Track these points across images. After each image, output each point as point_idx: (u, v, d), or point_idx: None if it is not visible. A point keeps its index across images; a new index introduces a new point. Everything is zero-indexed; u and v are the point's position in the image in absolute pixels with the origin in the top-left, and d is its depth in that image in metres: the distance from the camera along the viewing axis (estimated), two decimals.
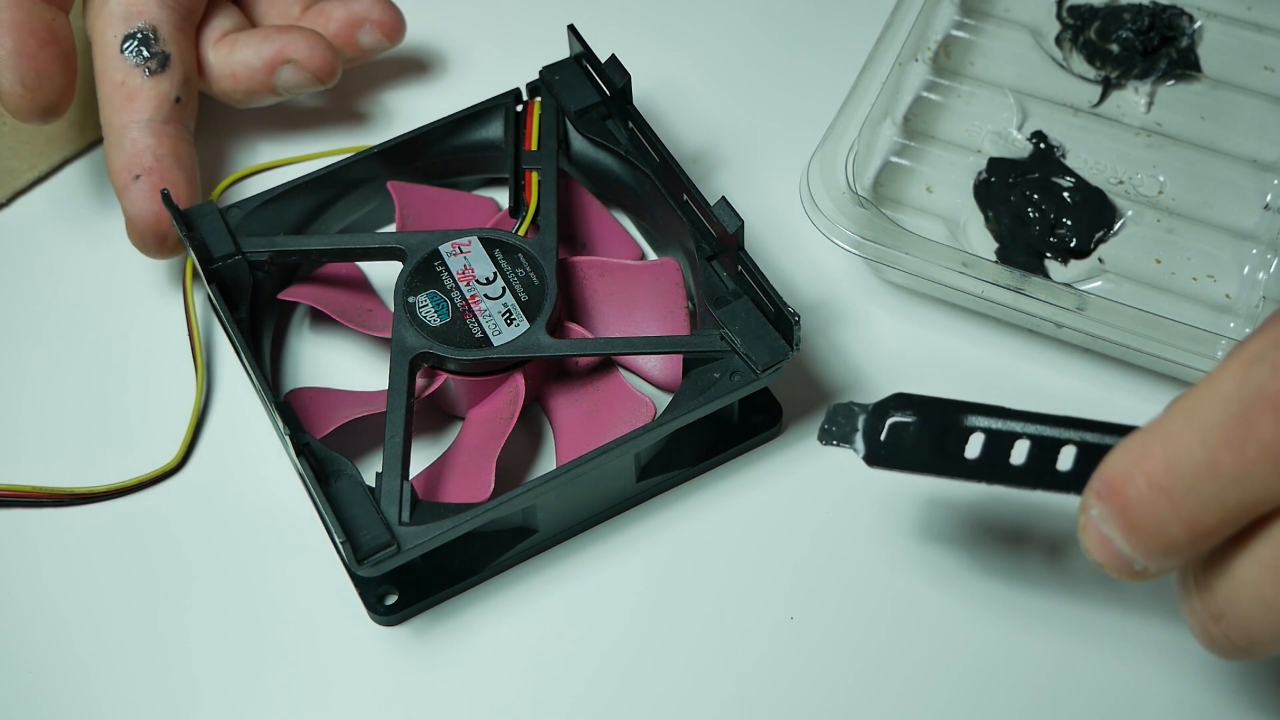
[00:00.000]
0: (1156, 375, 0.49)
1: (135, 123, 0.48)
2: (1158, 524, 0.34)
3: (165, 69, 0.48)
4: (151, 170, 0.47)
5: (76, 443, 0.48)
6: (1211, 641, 0.35)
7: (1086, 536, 0.35)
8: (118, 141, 0.48)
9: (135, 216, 0.47)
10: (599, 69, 0.50)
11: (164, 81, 0.48)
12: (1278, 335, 0.33)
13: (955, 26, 0.56)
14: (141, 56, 0.47)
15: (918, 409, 0.39)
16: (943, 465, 0.39)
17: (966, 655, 0.44)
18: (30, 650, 0.44)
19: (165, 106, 0.48)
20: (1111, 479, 0.35)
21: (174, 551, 0.46)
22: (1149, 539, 0.34)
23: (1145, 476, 0.34)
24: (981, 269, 0.48)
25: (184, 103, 0.49)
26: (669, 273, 0.49)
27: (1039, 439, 0.38)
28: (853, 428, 0.40)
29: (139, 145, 0.47)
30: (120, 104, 0.48)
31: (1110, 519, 0.35)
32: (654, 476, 0.46)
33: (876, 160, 0.52)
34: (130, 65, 0.48)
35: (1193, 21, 0.56)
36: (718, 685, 0.43)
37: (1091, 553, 0.35)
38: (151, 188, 0.47)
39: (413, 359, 0.45)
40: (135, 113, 0.48)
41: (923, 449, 0.39)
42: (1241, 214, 0.51)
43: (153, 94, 0.48)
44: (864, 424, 0.40)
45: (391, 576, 0.44)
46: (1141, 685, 0.43)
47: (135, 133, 0.48)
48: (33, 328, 0.51)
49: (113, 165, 0.48)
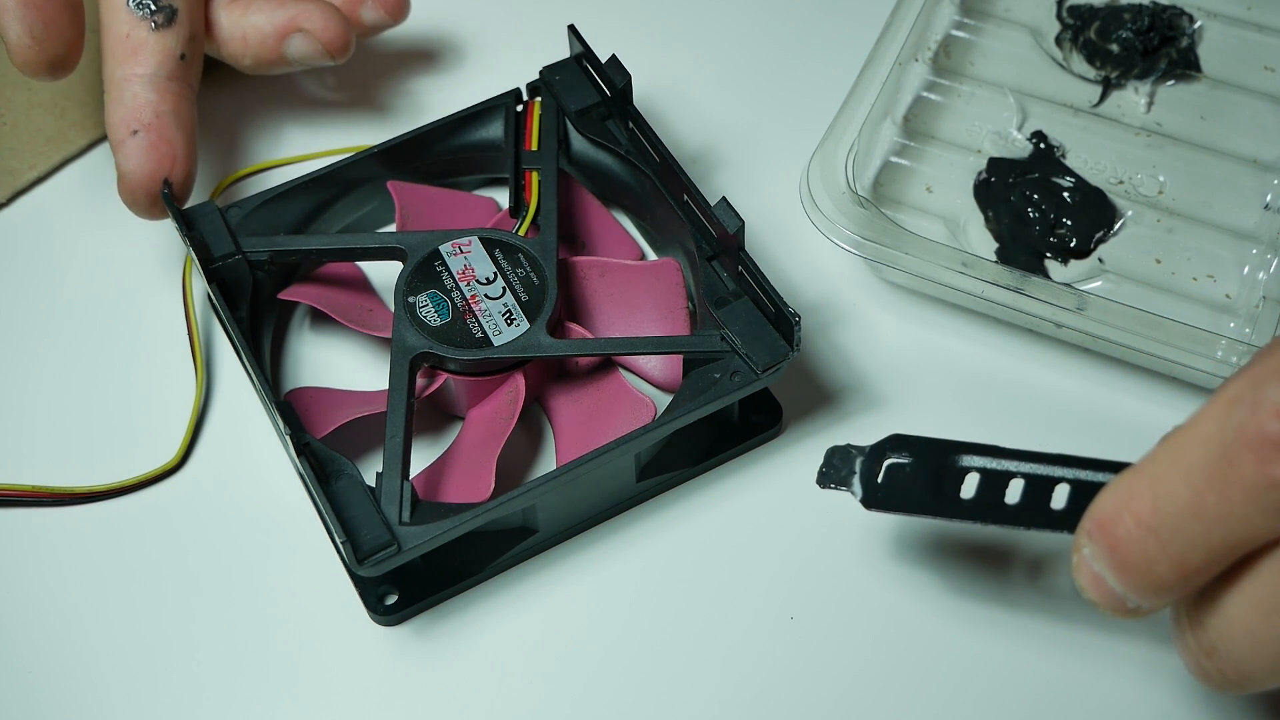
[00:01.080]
0: (1156, 375, 0.49)
1: (137, 76, 0.46)
2: (1146, 563, 0.34)
3: (172, 23, 0.47)
4: (150, 126, 0.46)
5: (77, 442, 0.48)
6: (1205, 675, 0.36)
7: (1080, 575, 0.36)
8: (118, 95, 0.46)
9: (128, 173, 0.46)
10: (599, 69, 0.50)
11: (170, 36, 0.47)
12: (1256, 376, 0.34)
13: (955, 26, 0.56)
14: (148, 9, 0.46)
15: (914, 450, 0.40)
16: (939, 507, 0.39)
17: (966, 655, 0.44)
18: (31, 650, 0.44)
19: (170, 62, 0.47)
20: (1101, 519, 0.35)
21: (174, 551, 0.46)
22: (1139, 577, 0.35)
23: (1133, 516, 0.34)
24: (981, 269, 0.48)
25: (189, 60, 0.48)
26: (669, 273, 0.49)
27: (1032, 478, 0.39)
28: (850, 470, 0.40)
29: (139, 100, 0.46)
30: (124, 57, 0.47)
31: (1101, 558, 0.35)
32: (654, 476, 0.46)
33: (876, 160, 0.52)
34: (136, 18, 0.47)
35: (1193, 21, 0.56)
36: (717, 685, 0.43)
37: (1085, 591, 0.36)
38: (149, 144, 0.46)
39: (413, 359, 0.45)
40: (138, 66, 0.46)
41: (919, 491, 0.40)
42: (1241, 214, 0.51)
43: (157, 48, 0.47)
44: (861, 466, 0.40)
45: (391, 576, 0.44)
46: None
47: (137, 86, 0.46)
48: (33, 328, 0.51)
49: (111, 119, 0.47)
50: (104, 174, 0.54)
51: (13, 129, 0.55)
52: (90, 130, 0.55)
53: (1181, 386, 0.48)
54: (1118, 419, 0.48)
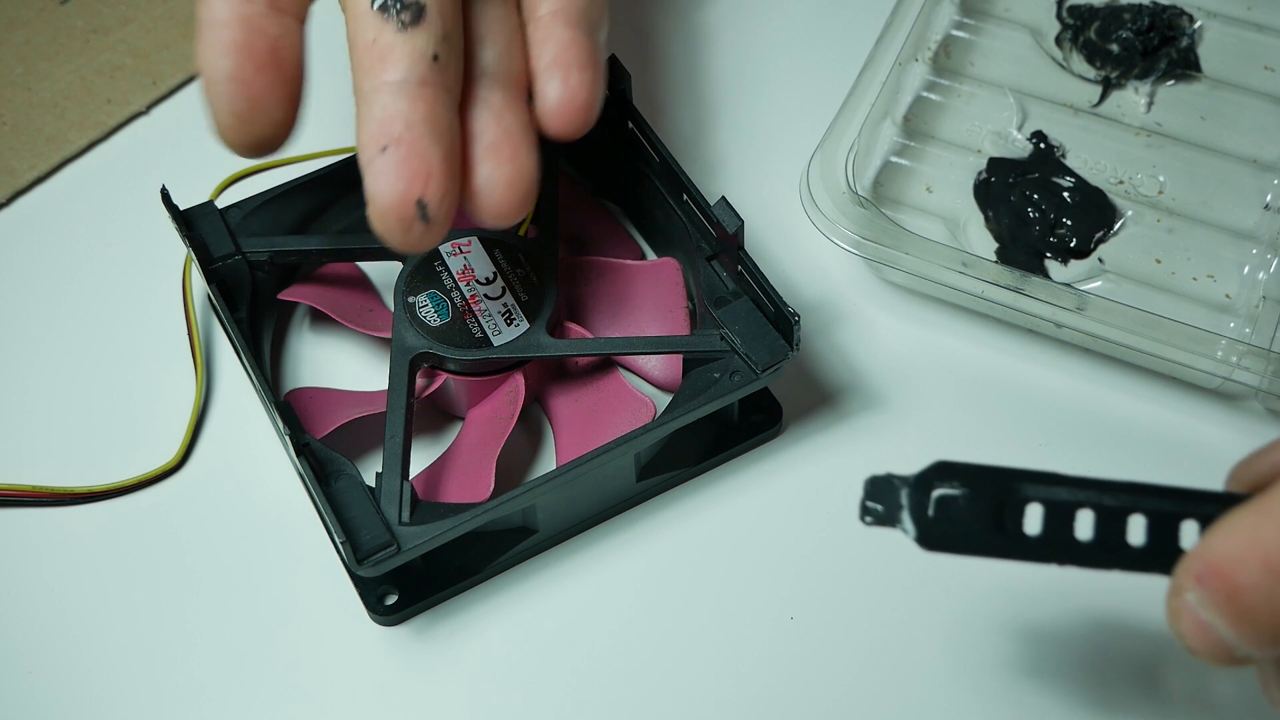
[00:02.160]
0: (1156, 375, 0.49)
1: (386, 85, 0.39)
2: (1273, 612, 0.32)
3: (420, 21, 0.40)
4: (400, 141, 0.38)
5: (77, 442, 0.48)
6: None
7: (1181, 623, 0.33)
8: (366, 109, 0.40)
9: (378, 195, 0.39)
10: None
11: (420, 35, 0.40)
12: None
13: (955, 26, 0.56)
14: (393, 8, 0.40)
15: (964, 479, 0.36)
16: (1004, 545, 0.36)
17: (966, 654, 0.44)
18: (31, 650, 0.44)
19: (421, 64, 0.39)
20: (1218, 563, 0.32)
21: (174, 552, 0.46)
22: (1262, 628, 0.32)
23: (1262, 562, 0.32)
24: (981, 269, 0.48)
25: (444, 62, 0.40)
26: (669, 273, 0.49)
27: (1103, 509, 0.35)
28: (896, 504, 0.36)
29: (389, 111, 0.39)
30: (371, 65, 0.40)
31: (1214, 605, 0.32)
32: (654, 476, 0.46)
33: (876, 160, 0.52)
34: (381, 20, 0.40)
35: (1193, 21, 0.56)
36: (717, 685, 0.43)
37: (1186, 639, 0.33)
38: (399, 161, 0.38)
39: (413, 359, 0.45)
40: (386, 73, 0.39)
41: (979, 526, 0.36)
42: (1241, 214, 0.51)
43: (406, 50, 0.39)
44: (909, 499, 0.36)
45: (391, 576, 0.44)
46: None
47: (386, 97, 0.39)
48: (32, 328, 0.51)
49: (360, 137, 0.40)
50: (104, 174, 0.54)
51: (13, 129, 0.55)
52: (90, 130, 0.55)
53: (1181, 386, 0.49)
54: (1118, 419, 0.48)
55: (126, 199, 0.53)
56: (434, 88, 0.39)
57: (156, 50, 0.57)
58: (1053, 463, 0.47)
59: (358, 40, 0.40)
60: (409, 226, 0.38)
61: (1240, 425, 0.48)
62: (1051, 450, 0.47)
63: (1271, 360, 0.45)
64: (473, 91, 0.40)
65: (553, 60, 0.41)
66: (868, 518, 0.36)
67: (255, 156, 0.41)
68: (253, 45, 0.39)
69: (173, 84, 0.56)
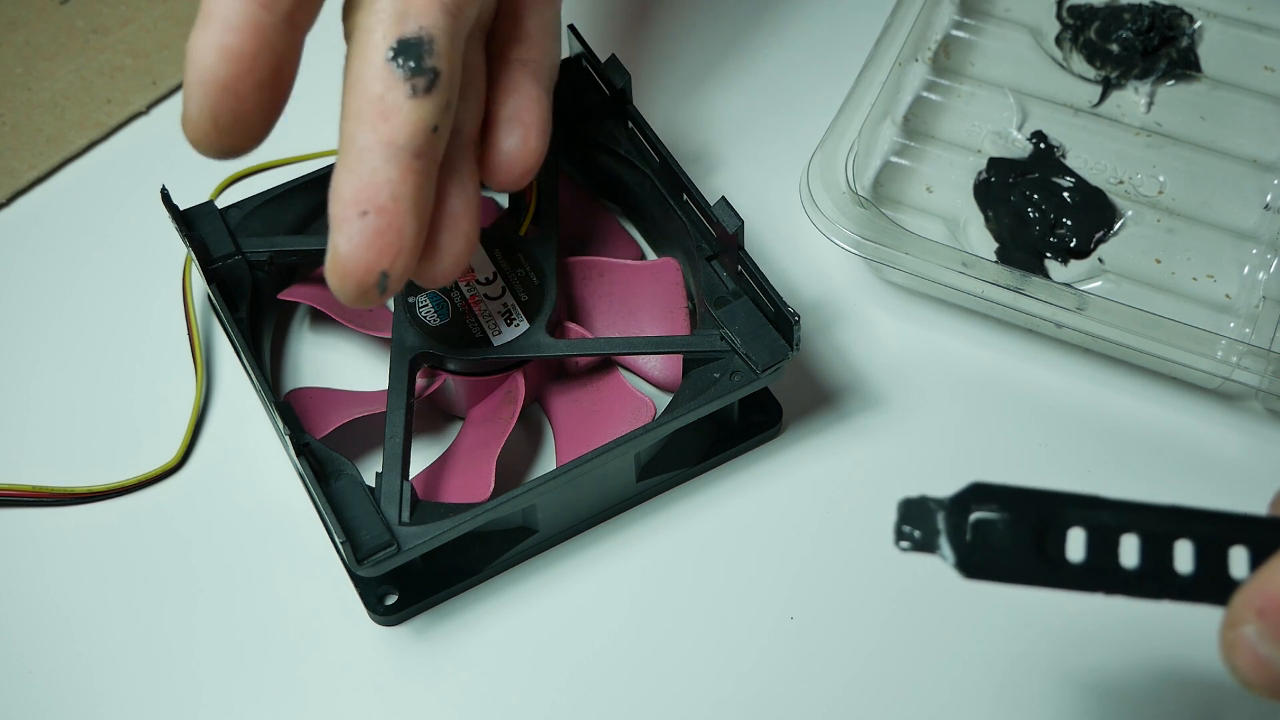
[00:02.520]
0: (1156, 375, 0.49)
1: (381, 147, 0.38)
2: None
3: (432, 90, 0.38)
4: (383, 210, 0.37)
5: (76, 442, 0.48)
6: None
7: (1238, 657, 0.32)
8: (355, 164, 0.38)
9: (346, 256, 0.37)
10: (599, 69, 0.50)
11: (427, 105, 0.38)
12: None
13: (955, 26, 0.56)
14: (409, 69, 0.38)
15: (1003, 502, 0.34)
16: (1047, 573, 0.34)
17: (966, 654, 0.44)
18: (31, 650, 0.44)
19: (420, 136, 0.38)
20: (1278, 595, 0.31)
21: (174, 551, 0.46)
22: None
23: None
24: (981, 269, 0.48)
25: (440, 132, 0.38)
26: (669, 273, 0.49)
27: (1148, 534, 0.33)
28: (933, 528, 0.35)
29: (379, 177, 0.37)
30: (370, 120, 0.38)
31: (1276, 640, 0.31)
32: (654, 476, 0.46)
33: (876, 160, 0.52)
34: (395, 78, 0.38)
35: (1193, 21, 0.56)
36: (717, 685, 0.43)
37: (1242, 673, 0.32)
38: (375, 231, 0.37)
39: (413, 359, 0.45)
40: (384, 135, 0.38)
41: (1021, 553, 0.34)
42: (1241, 214, 0.51)
43: (411, 118, 0.38)
44: (945, 524, 0.35)
45: (391, 576, 0.44)
46: None
47: (378, 160, 0.38)
48: (32, 328, 0.51)
49: (340, 188, 0.38)
50: (104, 174, 0.54)
51: (13, 129, 0.55)
52: (90, 130, 0.55)
53: (1181, 386, 0.49)
54: (1118, 419, 0.48)
55: (126, 199, 0.53)
56: (426, 160, 0.38)
57: (156, 50, 0.57)
58: (1052, 462, 0.47)
59: (361, 86, 0.38)
60: (365, 293, 0.38)
61: (1240, 425, 0.48)
62: (1051, 450, 0.47)
63: (1271, 360, 0.45)
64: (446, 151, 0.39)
65: (515, 115, 0.41)
66: (904, 543, 0.35)
67: (218, 158, 0.39)
68: (258, 59, 0.37)
69: (173, 84, 0.56)
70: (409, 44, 0.37)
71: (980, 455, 0.48)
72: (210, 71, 0.36)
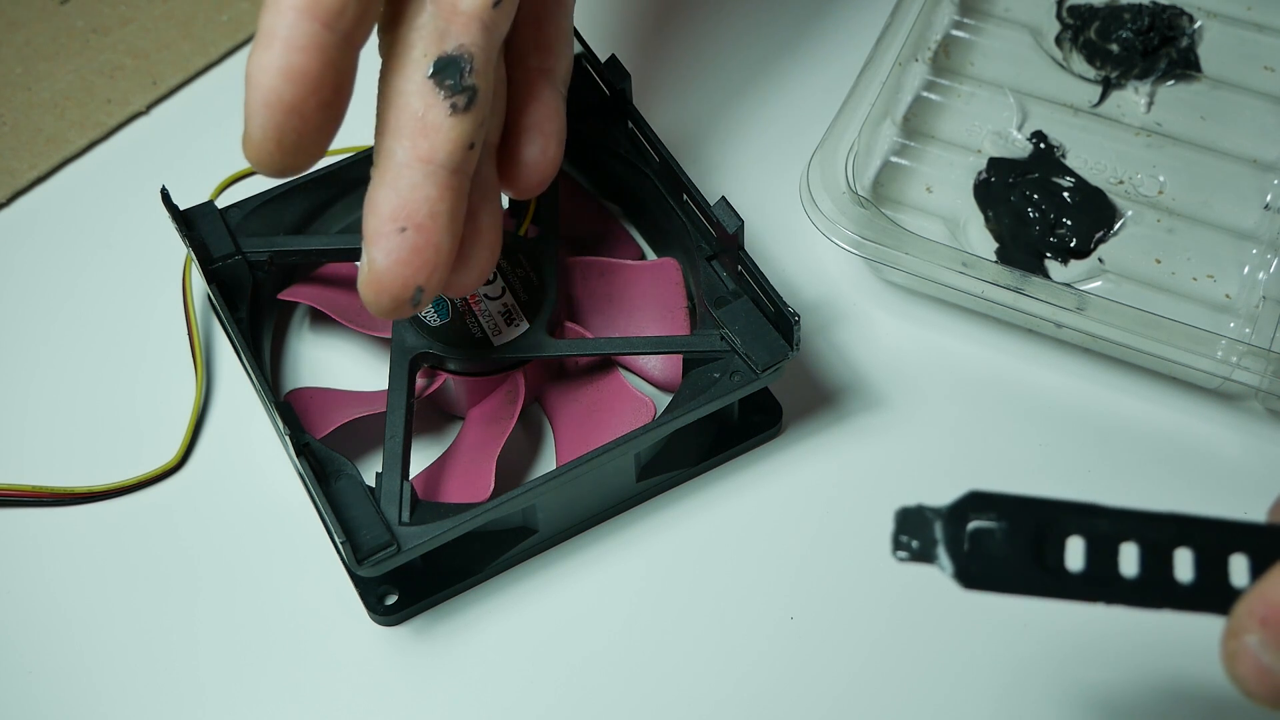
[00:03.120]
0: (1156, 375, 0.49)
1: (420, 164, 0.38)
2: None
3: (470, 108, 0.38)
4: (421, 228, 0.38)
5: (77, 442, 0.48)
6: None
7: (1240, 667, 0.31)
8: (393, 180, 0.38)
9: (384, 271, 0.38)
10: (599, 69, 0.50)
11: (466, 122, 0.38)
12: None
13: (955, 26, 0.56)
14: (451, 87, 0.38)
15: (1000, 510, 0.34)
16: (1046, 583, 0.34)
17: (965, 655, 0.44)
18: (31, 650, 0.44)
19: (459, 154, 0.38)
20: None
21: (174, 552, 0.46)
22: None
23: None
24: (981, 269, 0.48)
25: (476, 149, 0.39)
26: (669, 273, 0.49)
27: (1147, 542, 0.33)
28: (931, 538, 0.34)
29: (418, 194, 0.38)
30: (410, 137, 0.38)
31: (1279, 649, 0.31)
32: (654, 476, 0.46)
33: (876, 160, 0.52)
34: (436, 95, 0.38)
35: (1193, 21, 0.56)
36: (718, 685, 0.43)
37: (1244, 683, 0.32)
38: (413, 248, 0.38)
39: (413, 359, 0.45)
40: (425, 152, 0.38)
41: (1019, 562, 0.34)
42: (1241, 214, 0.51)
43: (451, 136, 0.38)
44: (943, 533, 0.34)
45: (391, 576, 0.44)
46: None
47: (418, 177, 0.38)
48: (32, 328, 0.51)
49: (378, 204, 0.38)
50: (104, 174, 0.54)
51: (13, 129, 0.55)
52: (90, 130, 0.55)
53: (1181, 386, 0.49)
54: (1118, 419, 0.48)
55: (126, 199, 0.53)
56: (462, 176, 0.39)
57: (156, 50, 0.57)
58: (1052, 462, 0.47)
59: (400, 101, 0.38)
60: (399, 308, 0.38)
61: (1240, 425, 0.48)
62: (1051, 450, 0.47)
63: (1271, 360, 0.45)
64: None
65: (536, 124, 0.41)
66: (901, 553, 0.34)
67: (274, 177, 0.39)
68: (322, 79, 0.37)
69: (173, 84, 0.56)
70: (449, 61, 0.38)
71: (980, 455, 0.48)
72: (275, 93, 0.36)
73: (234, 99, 0.55)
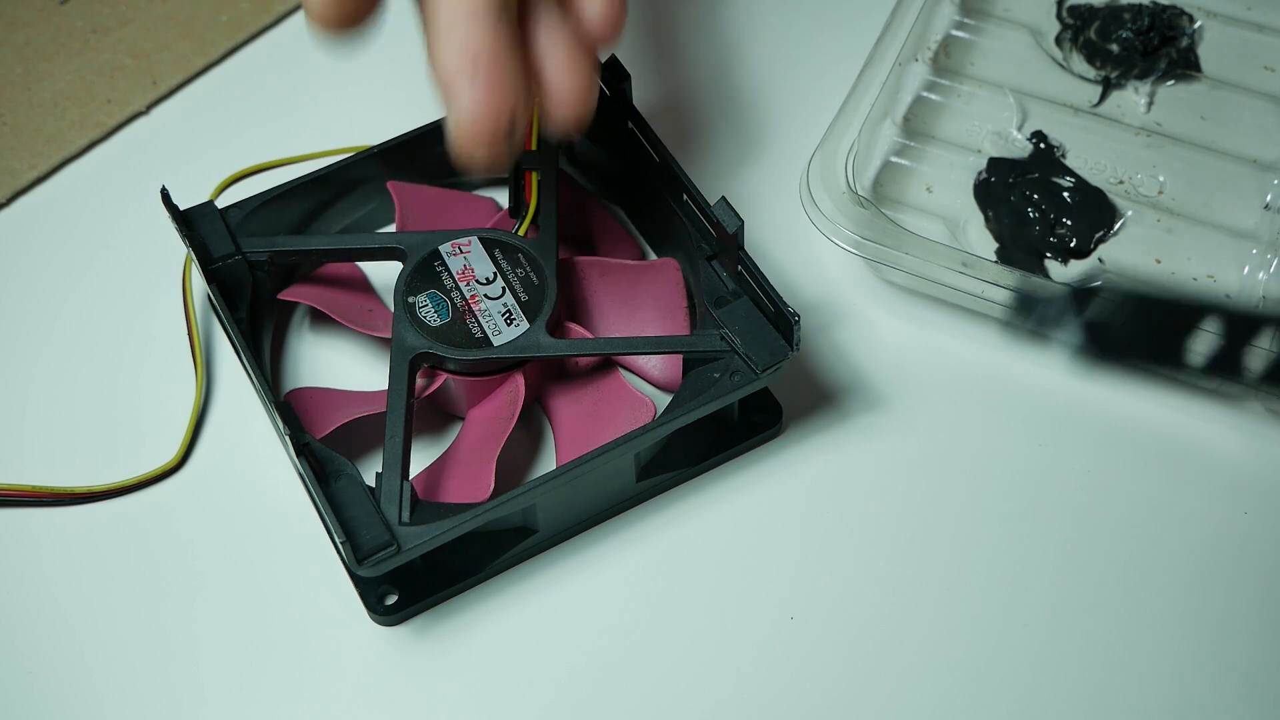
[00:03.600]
0: (1156, 375, 0.49)
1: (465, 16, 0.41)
2: None
3: None
4: (486, 67, 0.40)
5: (77, 442, 0.48)
6: None
7: None
8: (446, 36, 0.41)
9: (471, 115, 0.40)
10: (599, 70, 0.50)
11: None
12: None
13: (955, 26, 0.56)
14: None
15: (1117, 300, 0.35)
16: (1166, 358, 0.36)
17: (966, 655, 0.44)
18: (31, 650, 0.44)
19: None
20: None
21: (174, 552, 0.46)
22: None
23: None
24: (981, 269, 0.48)
25: None
26: (669, 273, 0.49)
27: None
28: (1057, 310, 0.36)
29: (473, 41, 0.40)
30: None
31: None
32: (654, 476, 0.46)
33: (876, 160, 0.52)
34: None
35: (1193, 21, 0.56)
36: (717, 685, 0.43)
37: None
38: (487, 84, 0.40)
39: (413, 359, 0.45)
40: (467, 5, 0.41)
41: (1141, 339, 0.36)
42: (1241, 214, 0.51)
43: None
44: (1069, 309, 0.36)
45: (391, 576, 0.44)
46: None
47: (466, 27, 0.41)
48: (32, 328, 0.51)
49: (441, 61, 0.41)
50: (104, 174, 0.54)
51: (13, 129, 0.55)
52: (90, 130, 0.55)
53: (1181, 386, 0.48)
54: (1118, 419, 0.48)
55: (126, 199, 0.53)
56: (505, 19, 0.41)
57: (156, 50, 0.57)
58: (1052, 462, 0.47)
59: None
60: (499, 140, 0.40)
61: (1240, 425, 0.48)
62: (1051, 450, 0.47)
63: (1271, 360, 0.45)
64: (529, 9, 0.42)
65: None
66: (1027, 322, 0.36)
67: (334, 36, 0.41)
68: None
69: (173, 84, 0.56)
70: None
71: (980, 455, 0.48)
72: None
73: (234, 99, 0.56)
